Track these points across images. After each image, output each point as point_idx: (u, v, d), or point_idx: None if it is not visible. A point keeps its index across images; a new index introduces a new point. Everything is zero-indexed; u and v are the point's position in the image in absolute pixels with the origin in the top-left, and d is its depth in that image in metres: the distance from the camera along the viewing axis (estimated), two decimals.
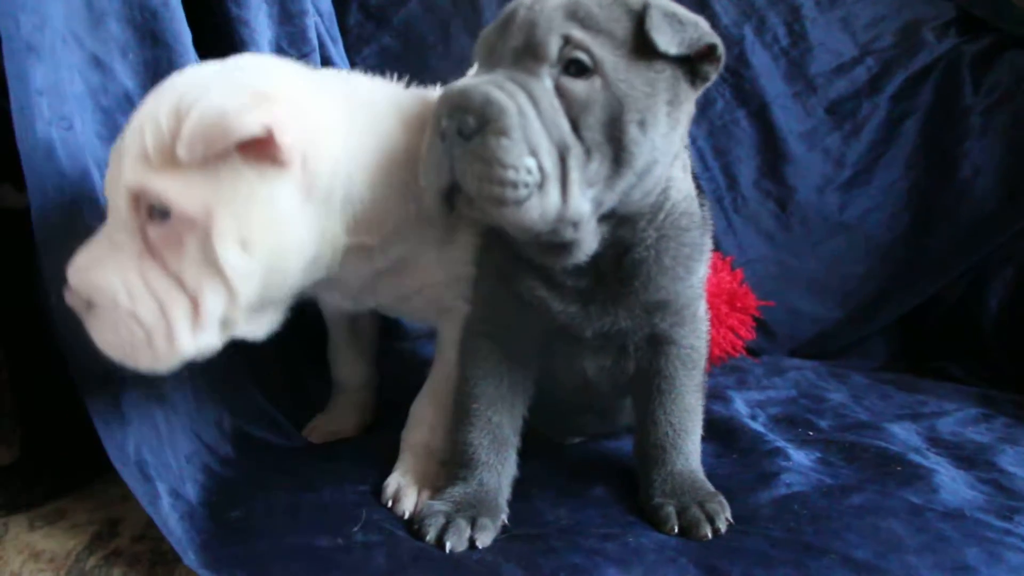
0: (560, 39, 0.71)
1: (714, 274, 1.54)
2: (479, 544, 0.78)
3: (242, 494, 0.90)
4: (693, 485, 0.87)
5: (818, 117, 1.80)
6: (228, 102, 0.72)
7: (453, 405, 0.92)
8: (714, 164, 1.81)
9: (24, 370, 1.01)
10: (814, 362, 1.67)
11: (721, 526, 0.81)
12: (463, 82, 0.71)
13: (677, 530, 0.82)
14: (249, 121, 0.70)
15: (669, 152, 0.77)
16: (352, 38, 1.76)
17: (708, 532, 0.80)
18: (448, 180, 0.71)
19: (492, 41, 0.76)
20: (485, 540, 0.79)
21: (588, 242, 0.76)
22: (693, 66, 0.76)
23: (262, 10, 1.25)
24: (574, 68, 0.71)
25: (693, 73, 0.76)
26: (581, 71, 0.71)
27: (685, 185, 0.84)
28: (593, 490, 0.93)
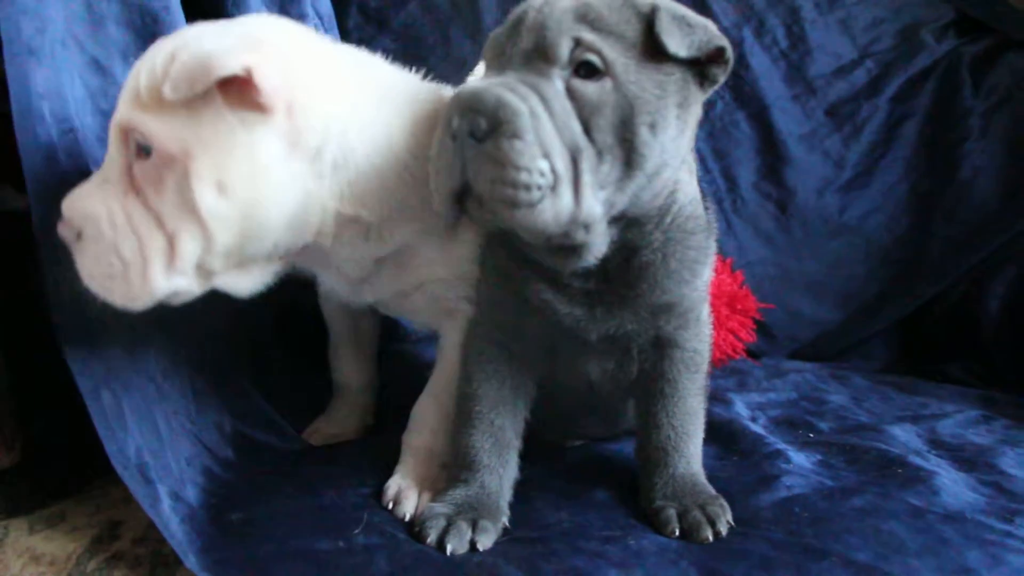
0: (571, 41, 0.71)
1: (714, 276, 1.54)
2: (480, 546, 0.78)
3: (243, 497, 0.90)
4: (694, 488, 0.87)
5: (818, 119, 1.79)
6: (217, 44, 0.73)
7: (455, 407, 0.92)
8: (714, 166, 1.81)
9: (24, 373, 1.01)
10: (814, 364, 1.66)
11: (722, 529, 0.82)
12: (475, 84, 0.71)
13: (678, 533, 0.82)
14: (231, 60, 0.71)
15: (678, 154, 0.77)
16: (352, 40, 1.72)
17: (709, 535, 0.80)
18: (459, 182, 0.71)
19: (501, 43, 0.76)
20: (486, 542, 0.79)
21: (598, 245, 0.76)
22: (702, 69, 0.76)
23: (261, 13, 1.25)
24: (585, 70, 0.71)
25: (702, 76, 0.76)
26: (592, 73, 0.71)
27: (691, 188, 0.84)
28: (594, 493, 0.93)
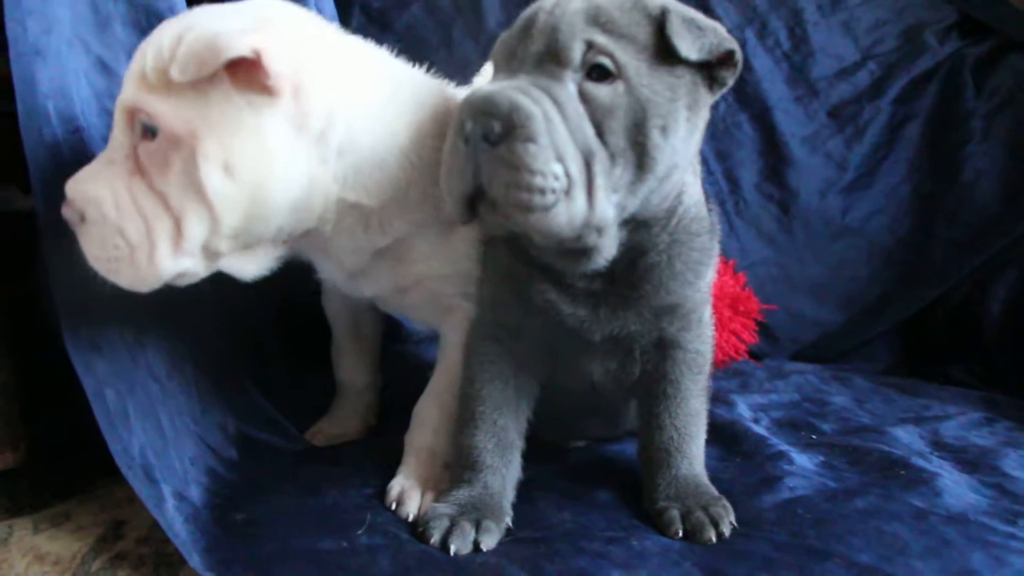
0: (583, 44, 0.71)
1: (717, 278, 1.54)
2: (483, 547, 0.78)
3: (246, 497, 0.90)
4: (697, 489, 0.87)
5: (820, 121, 1.79)
6: (225, 26, 0.73)
7: (457, 408, 0.92)
8: (716, 168, 1.81)
9: (29, 373, 1.02)
10: (816, 366, 1.66)
11: (725, 530, 0.82)
12: (487, 87, 0.71)
13: (681, 534, 0.82)
14: (239, 42, 0.71)
15: (687, 157, 0.77)
16: None
17: (712, 536, 0.81)
18: (472, 186, 0.70)
19: (512, 46, 0.76)
20: (489, 543, 0.79)
21: (609, 247, 0.76)
22: (711, 71, 0.76)
23: None
24: (597, 73, 0.71)
25: (711, 78, 0.76)
26: (604, 76, 0.71)
27: (696, 190, 0.84)
28: (597, 493, 0.93)
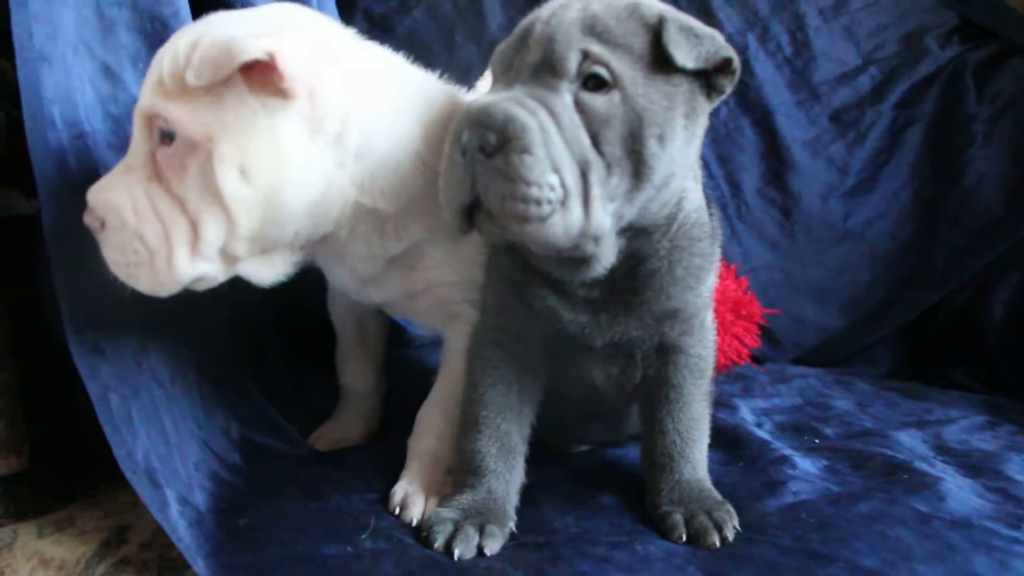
0: (579, 54, 0.71)
1: (719, 282, 1.54)
2: (487, 551, 0.78)
3: (250, 502, 0.90)
4: (700, 493, 0.87)
5: (822, 125, 1.80)
6: (239, 30, 0.74)
7: (461, 413, 0.92)
8: (718, 172, 1.82)
9: (33, 377, 1.02)
10: (819, 370, 1.67)
11: (729, 534, 0.82)
12: (484, 99, 0.71)
13: (685, 538, 0.82)
14: (254, 45, 0.72)
15: (685, 165, 0.77)
16: None
17: (716, 540, 0.81)
18: (469, 197, 0.70)
19: (509, 56, 0.76)
20: (493, 547, 0.79)
21: (607, 256, 0.76)
22: (709, 79, 0.76)
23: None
24: (593, 83, 0.71)
25: (709, 86, 0.76)
26: (600, 86, 0.71)
27: (697, 196, 0.84)
28: (601, 498, 0.93)
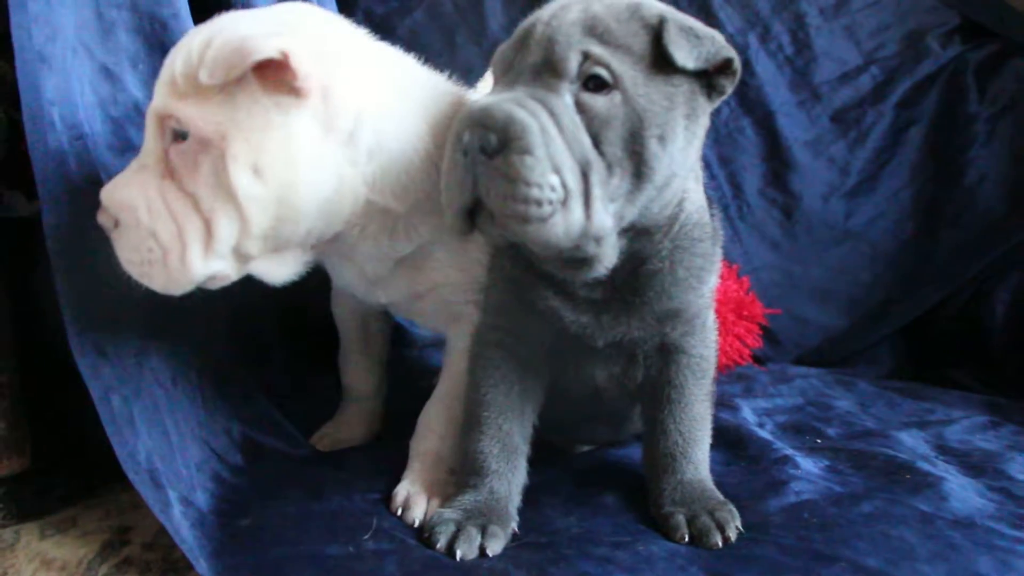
0: (579, 55, 0.71)
1: (721, 282, 1.54)
2: (489, 552, 0.78)
3: (252, 502, 0.90)
4: (703, 493, 0.87)
5: (823, 125, 1.80)
6: (252, 30, 0.74)
7: (462, 413, 0.92)
8: (719, 172, 1.82)
9: (34, 378, 1.02)
10: (820, 370, 1.67)
11: (731, 534, 0.82)
12: (485, 99, 0.71)
13: (687, 538, 0.82)
14: (267, 45, 0.72)
15: (686, 165, 0.77)
16: None
17: (718, 540, 0.81)
18: (470, 198, 0.71)
19: (510, 57, 0.76)
20: (495, 548, 0.79)
21: (609, 256, 0.76)
22: (709, 80, 0.76)
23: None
24: (593, 84, 0.71)
25: (709, 86, 0.76)
26: (600, 87, 0.71)
27: (698, 196, 0.84)
28: (603, 498, 0.93)
